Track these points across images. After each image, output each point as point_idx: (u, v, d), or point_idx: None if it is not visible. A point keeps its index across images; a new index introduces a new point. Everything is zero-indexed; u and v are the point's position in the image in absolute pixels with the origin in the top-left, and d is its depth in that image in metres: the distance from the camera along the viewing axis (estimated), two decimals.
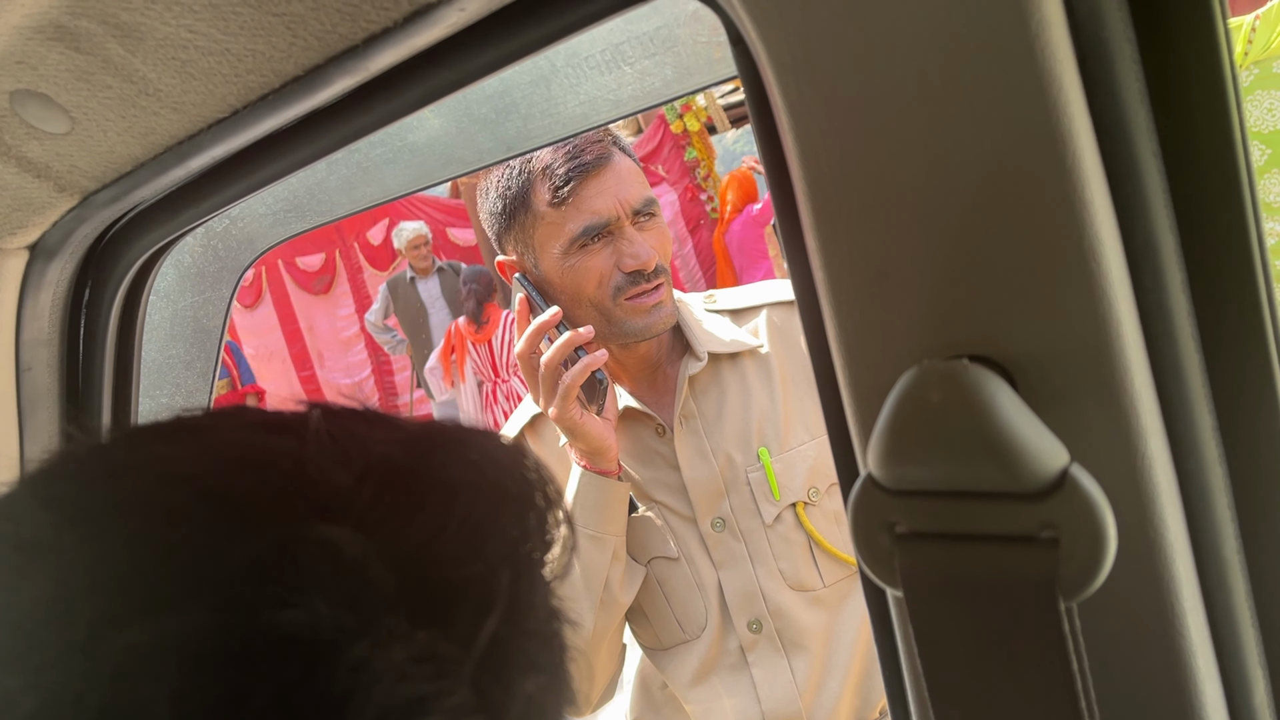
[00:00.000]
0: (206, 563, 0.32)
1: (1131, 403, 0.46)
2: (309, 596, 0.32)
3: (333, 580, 0.32)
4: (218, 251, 1.18)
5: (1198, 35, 0.44)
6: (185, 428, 0.39)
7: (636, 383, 1.41)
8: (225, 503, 0.34)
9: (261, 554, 0.33)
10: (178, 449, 0.37)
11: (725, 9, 0.51)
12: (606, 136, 1.30)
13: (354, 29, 0.61)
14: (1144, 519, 0.48)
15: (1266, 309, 0.46)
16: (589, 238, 1.26)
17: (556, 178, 1.26)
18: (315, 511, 0.34)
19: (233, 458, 0.36)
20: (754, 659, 1.35)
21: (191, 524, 0.33)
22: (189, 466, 0.36)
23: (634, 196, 1.27)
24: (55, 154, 0.78)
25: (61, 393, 1.05)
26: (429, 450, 0.41)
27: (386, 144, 1.02)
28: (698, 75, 0.89)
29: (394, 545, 0.35)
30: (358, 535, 0.34)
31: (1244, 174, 0.44)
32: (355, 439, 0.39)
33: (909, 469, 0.48)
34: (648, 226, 1.30)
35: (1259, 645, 0.51)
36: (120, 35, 0.62)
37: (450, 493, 0.38)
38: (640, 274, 1.27)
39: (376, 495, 0.36)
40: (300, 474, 0.36)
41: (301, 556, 0.33)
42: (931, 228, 0.48)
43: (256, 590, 0.32)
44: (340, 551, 0.33)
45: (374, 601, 0.33)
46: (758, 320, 1.42)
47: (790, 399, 1.37)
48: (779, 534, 1.34)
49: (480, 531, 0.38)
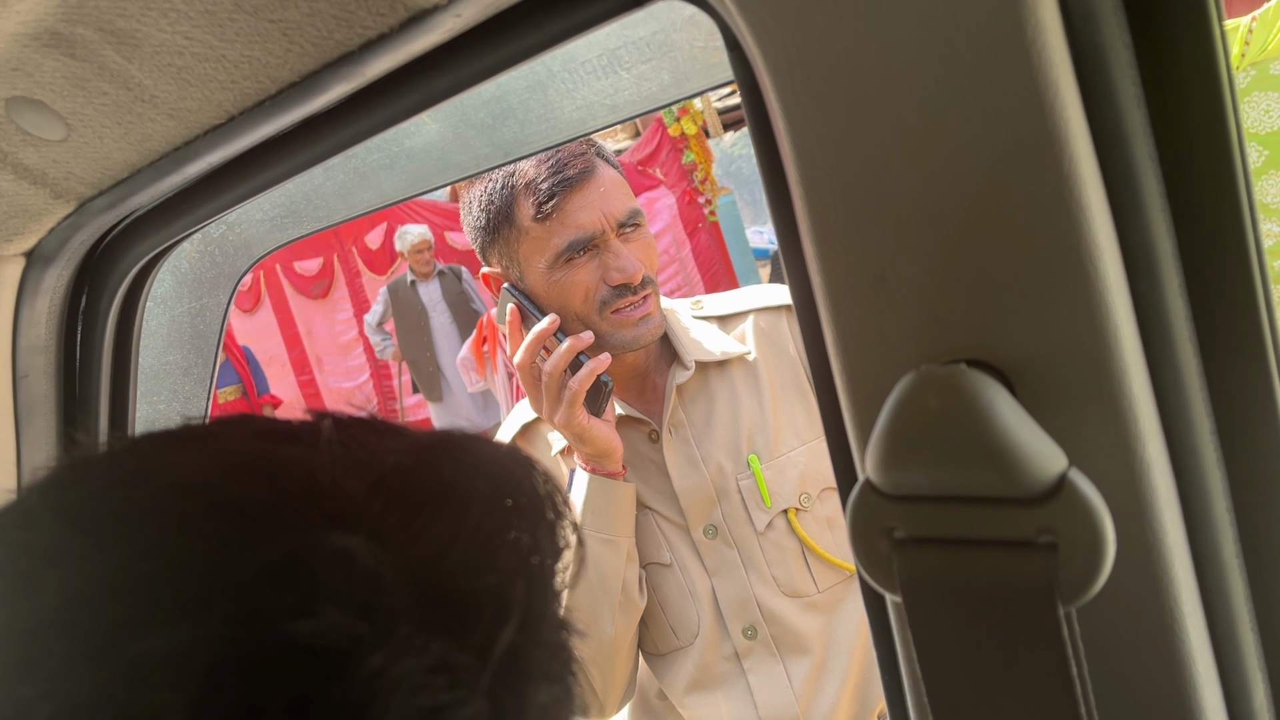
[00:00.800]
0: (221, 572, 0.32)
1: (1130, 407, 0.46)
2: (324, 606, 0.32)
3: (347, 590, 0.32)
4: (214, 257, 1.18)
5: (1194, 39, 0.44)
6: (195, 436, 0.39)
7: (626, 391, 1.41)
8: (238, 512, 0.34)
9: (276, 563, 0.33)
10: (188, 457, 0.37)
11: (722, 14, 0.51)
12: (590, 148, 1.28)
13: (350, 35, 0.61)
14: (1142, 523, 0.48)
15: (1264, 312, 0.46)
16: (574, 252, 1.25)
17: (540, 192, 1.24)
18: (328, 520, 0.34)
19: (244, 466, 0.36)
20: (749, 665, 1.34)
21: (205, 533, 0.33)
22: (201, 475, 0.36)
23: (619, 209, 1.26)
24: (51, 160, 0.78)
25: (59, 399, 1.05)
26: (440, 460, 0.41)
27: (383, 149, 1.02)
28: (694, 80, 0.89)
29: (408, 555, 0.35)
30: (371, 545, 0.34)
31: (1241, 178, 0.44)
32: (366, 448, 0.39)
33: (907, 474, 0.48)
34: (633, 238, 1.28)
35: (1258, 649, 0.51)
36: (116, 42, 0.62)
37: (463, 503, 0.38)
38: (627, 288, 1.26)
39: (389, 505, 0.36)
40: (312, 483, 0.36)
41: (316, 566, 0.33)
42: (929, 232, 0.48)
43: (271, 600, 0.32)
44: (354, 561, 0.33)
45: (389, 611, 0.33)
46: (745, 326, 1.41)
47: (779, 405, 1.36)
48: (771, 540, 1.33)
49: (493, 542, 0.38)
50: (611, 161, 1.31)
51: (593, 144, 1.30)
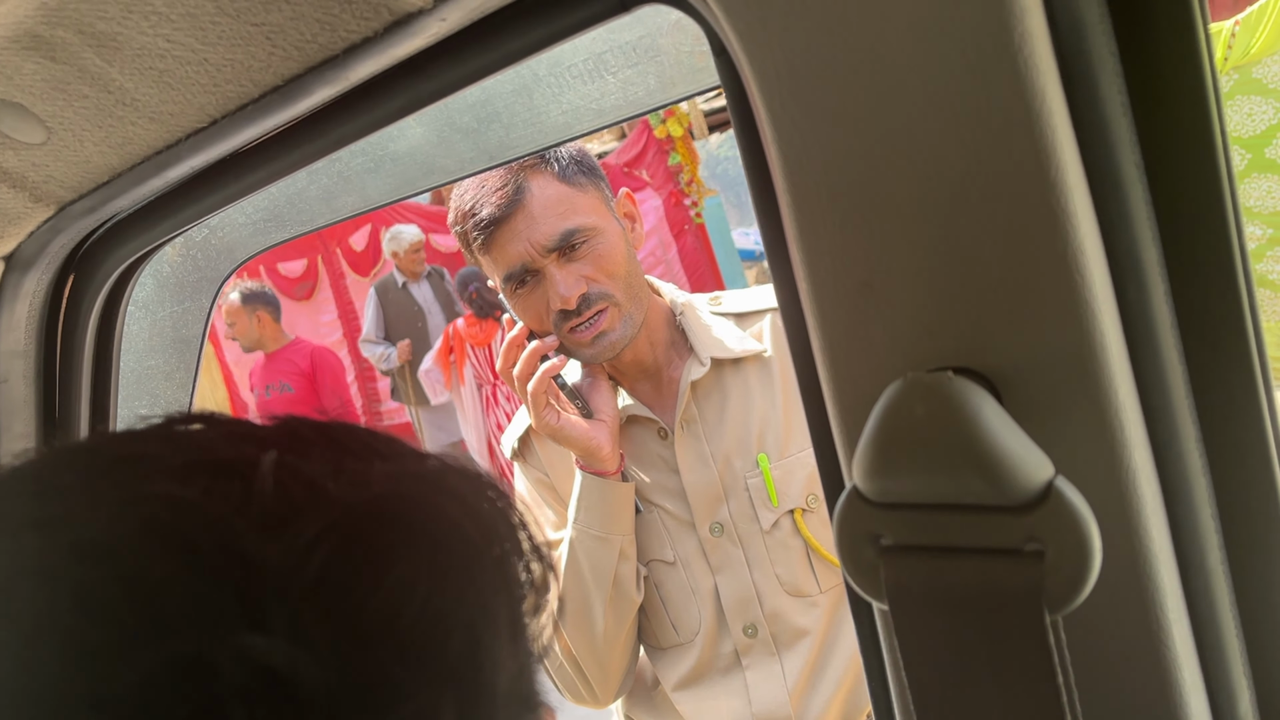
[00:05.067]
0: (110, 672, 0.29)
1: (1116, 414, 0.46)
2: (229, 710, 0.29)
3: (255, 706, 0.30)
4: (197, 261, 1.17)
5: (1179, 47, 0.44)
6: (117, 462, 0.35)
7: (639, 386, 1.41)
8: (141, 592, 0.30)
9: (174, 666, 0.30)
10: (97, 504, 0.33)
11: (708, 19, 0.51)
12: (519, 173, 1.26)
13: (333, 39, 0.60)
14: (1129, 531, 0.48)
15: (1249, 320, 0.46)
16: (515, 283, 1.27)
17: (474, 225, 1.26)
18: (244, 611, 0.31)
19: (159, 527, 0.32)
20: (748, 663, 1.36)
21: (100, 617, 0.30)
22: (106, 535, 0.32)
23: (547, 235, 1.23)
24: (31, 164, 0.77)
25: (39, 405, 1.04)
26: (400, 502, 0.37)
27: (368, 153, 1.02)
28: (680, 84, 0.89)
29: (332, 657, 0.31)
30: (290, 646, 0.31)
31: (1226, 185, 0.44)
32: (310, 492, 0.35)
33: (894, 482, 0.48)
34: (580, 255, 1.26)
35: (1243, 655, 0.51)
36: (97, 45, 0.62)
37: (411, 569, 0.35)
38: (567, 312, 1.26)
39: (319, 582, 0.32)
40: (233, 554, 0.32)
41: (222, 673, 0.30)
42: (916, 239, 0.47)
43: (162, 715, 0.29)
44: (267, 668, 0.30)
45: (298, 714, 0.30)
46: (762, 324, 1.41)
47: (792, 405, 1.37)
48: (776, 540, 1.34)
49: (439, 629, 0.34)
50: (561, 172, 1.28)
51: (523, 167, 1.27)
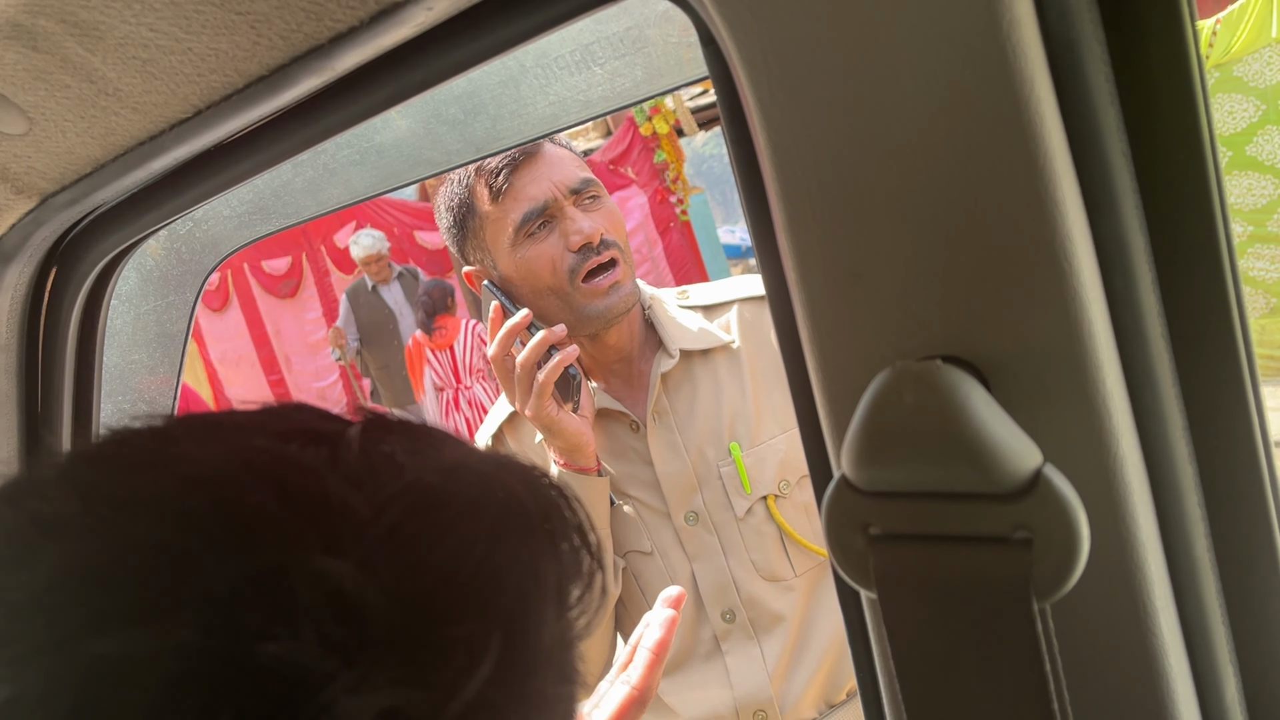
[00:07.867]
0: (203, 576, 0.32)
1: (1103, 402, 0.46)
2: (295, 629, 0.31)
3: (323, 616, 0.32)
4: (181, 255, 1.16)
5: (1167, 36, 0.44)
6: (226, 424, 0.39)
7: (611, 379, 1.43)
8: (237, 515, 0.33)
9: (258, 576, 0.32)
10: (208, 448, 0.37)
11: (697, 10, 0.51)
12: None
13: (319, 28, 0.60)
14: (1116, 518, 0.48)
15: (1235, 307, 0.47)
16: (532, 224, 1.29)
17: (490, 174, 1.30)
18: (324, 540, 0.34)
19: (257, 467, 0.36)
20: (727, 648, 1.38)
21: (199, 533, 0.33)
22: (211, 470, 0.35)
23: (569, 177, 1.31)
24: (12, 155, 0.77)
25: (20, 399, 1.03)
26: (464, 484, 0.40)
27: (353, 145, 1.01)
28: (668, 76, 0.89)
29: (396, 588, 0.34)
30: (360, 572, 0.33)
31: (1213, 174, 0.45)
32: (389, 462, 0.38)
33: (883, 470, 0.48)
34: (592, 207, 1.33)
35: (1229, 643, 0.52)
36: (79, 34, 0.61)
37: (469, 537, 0.37)
38: (588, 248, 1.29)
39: (392, 531, 0.35)
40: (319, 496, 0.35)
41: (297, 585, 0.32)
42: (904, 229, 0.47)
43: (244, 615, 0.31)
44: (337, 588, 0.32)
45: (359, 645, 0.32)
46: (729, 315, 1.44)
47: (761, 394, 1.39)
48: (751, 526, 1.37)
49: (493, 582, 0.37)
50: (564, 144, 1.36)
51: None
